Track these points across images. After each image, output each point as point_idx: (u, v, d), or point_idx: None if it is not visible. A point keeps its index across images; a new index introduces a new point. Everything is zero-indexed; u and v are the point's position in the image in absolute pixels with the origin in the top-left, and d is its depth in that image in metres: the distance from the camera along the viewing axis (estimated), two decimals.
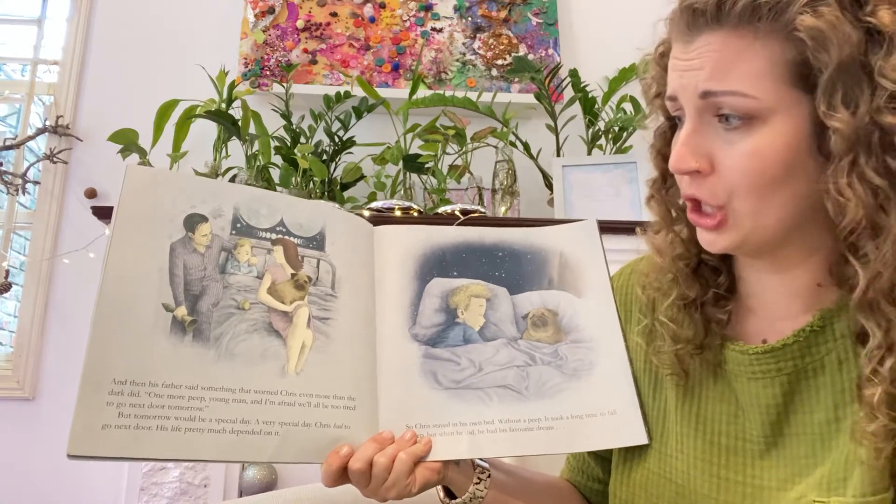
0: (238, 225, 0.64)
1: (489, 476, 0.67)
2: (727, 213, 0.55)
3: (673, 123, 0.62)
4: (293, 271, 0.65)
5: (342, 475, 0.60)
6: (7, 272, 2.03)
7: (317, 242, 0.67)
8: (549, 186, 1.98)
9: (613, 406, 0.66)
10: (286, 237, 0.66)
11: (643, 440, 0.66)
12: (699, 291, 0.64)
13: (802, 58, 0.50)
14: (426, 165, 1.86)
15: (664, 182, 0.65)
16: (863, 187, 0.49)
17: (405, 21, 2.19)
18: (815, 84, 0.50)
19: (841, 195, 0.50)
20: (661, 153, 0.64)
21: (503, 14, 2.22)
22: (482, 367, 0.67)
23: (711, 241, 0.57)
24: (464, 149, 1.91)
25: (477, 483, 0.66)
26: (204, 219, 0.63)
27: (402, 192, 1.90)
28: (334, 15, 2.18)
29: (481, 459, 0.68)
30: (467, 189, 1.95)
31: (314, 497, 0.79)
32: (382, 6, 2.20)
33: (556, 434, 0.64)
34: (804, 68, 0.50)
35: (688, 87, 0.54)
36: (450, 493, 0.68)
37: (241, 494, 1.64)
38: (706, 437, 0.62)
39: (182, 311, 0.59)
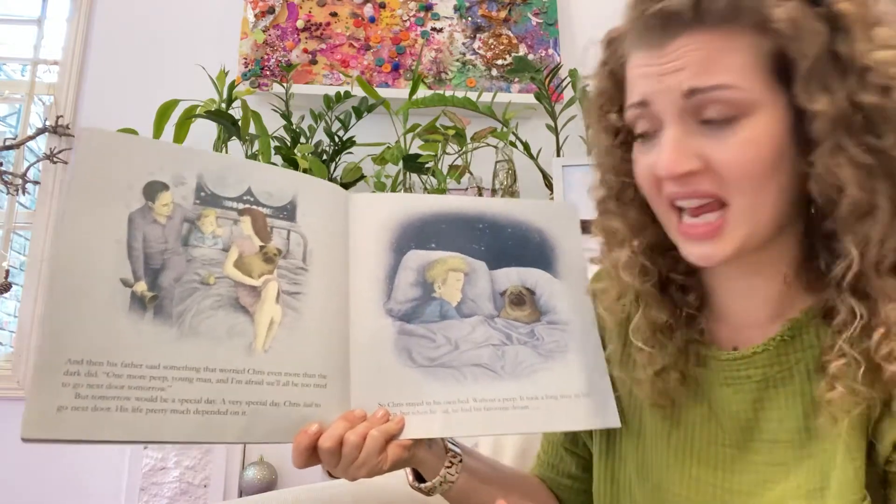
0: (202, 194, 0.60)
1: (461, 461, 0.66)
2: (726, 218, 0.54)
3: (626, 138, 0.61)
4: (262, 243, 0.62)
5: (312, 455, 0.58)
6: (7, 272, 2.03)
7: (287, 212, 0.64)
8: (549, 186, 1.98)
9: (587, 389, 0.66)
10: (254, 207, 0.62)
11: (615, 424, 0.66)
12: (670, 314, 0.63)
13: (779, 50, 0.51)
14: (426, 165, 1.86)
15: (618, 198, 0.63)
16: (852, 168, 0.50)
17: (405, 21, 2.19)
18: (792, 75, 0.51)
19: (835, 177, 0.50)
20: (615, 169, 0.63)
21: (503, 14, 2.22)
22: (458, 345, 0.66)
23: (709, 255, 0.55)
24: (464, 149, 1.91)
25: (448, 467, 0.65)
26: (165, 187, 0.59)
27: (402, 192, 1.90)
28: (334, 15, 2.18)
29: (454, 444, 0.68)
30: (467, 189, 1.95)
31: (314, 497, 0.79)
32: (382, 6, 2.20)
33: (531, 413, 0.64)
34: (781, 60, 0.51)
35: (667, 90, 0.53)
36: (419, 478, 0.67)
37: (241, 494, 1.64)
38: (679, 437, 0.63)
39: (142, 287, 0.56)
